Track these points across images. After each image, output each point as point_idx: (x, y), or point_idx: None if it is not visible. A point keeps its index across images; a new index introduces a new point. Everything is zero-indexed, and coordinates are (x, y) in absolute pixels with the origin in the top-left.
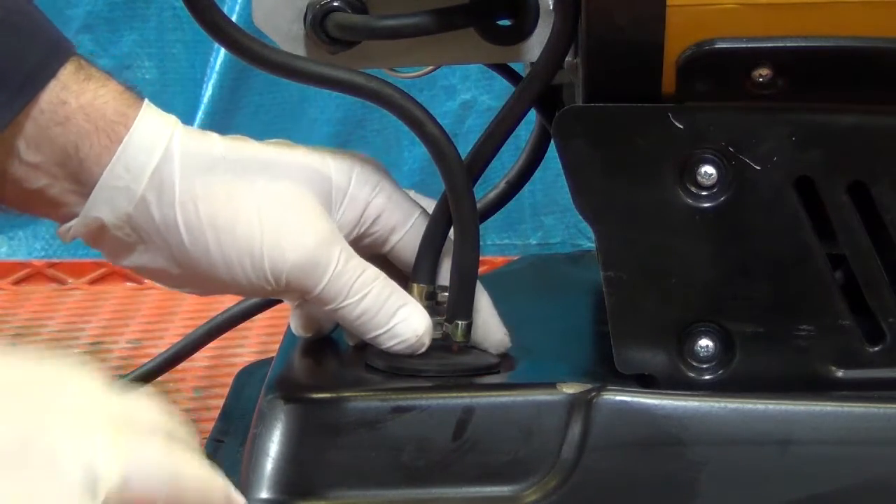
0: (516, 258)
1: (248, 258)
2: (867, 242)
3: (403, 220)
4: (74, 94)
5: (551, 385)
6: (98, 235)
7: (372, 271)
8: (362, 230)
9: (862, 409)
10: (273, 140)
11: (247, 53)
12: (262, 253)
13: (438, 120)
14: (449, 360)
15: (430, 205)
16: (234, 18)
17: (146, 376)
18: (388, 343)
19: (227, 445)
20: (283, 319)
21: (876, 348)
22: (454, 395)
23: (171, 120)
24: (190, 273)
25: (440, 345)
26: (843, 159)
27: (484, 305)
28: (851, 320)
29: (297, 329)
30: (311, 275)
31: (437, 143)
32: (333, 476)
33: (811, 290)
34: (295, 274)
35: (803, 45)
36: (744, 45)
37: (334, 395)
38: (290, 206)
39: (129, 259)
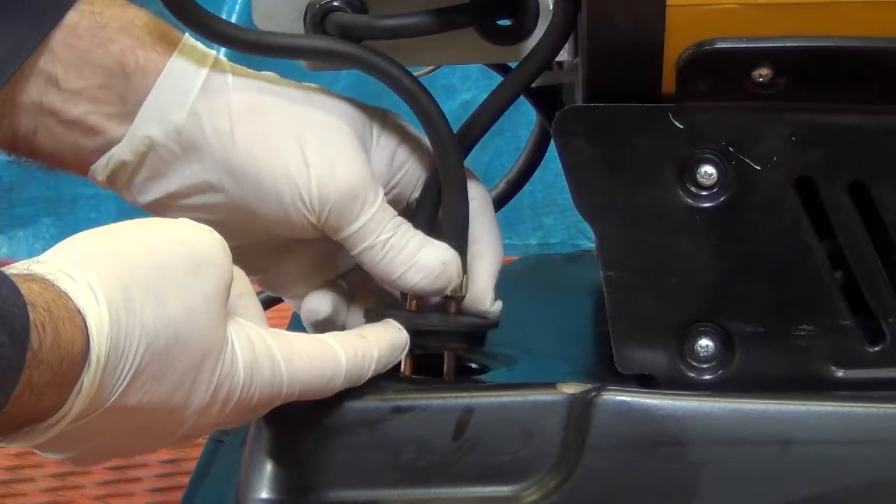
0: (516, 258)
1: (298, 181)
2: (867, 242)
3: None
4: (114, 18)
5: (551, 385)
6: (138, 163)
7: (396, 214)
8: (391, 179)
9: (862, 409)
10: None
11: (215, 34)
12: (310, 178)
13: None
14: (450, 319)
15: None
16: (234, 18)
17: None
18: (415, 279)
19: (227, 445)
20: (283, 319)
21: (876, 348)
22: (454, 395)
23: (211, 52)
24: (232, 192)
25: (440, 306)
26: (843, 159)
27: (483, 262)
28: (851, 320)
29: (314, 314)
30: (352, 208)
31: (414, 95)
32: (333, 476)
33: (811, 290)
34: (338, 206)
35: (803, 45)
36: (744, 45)
37: (334, 395)
38: (338, 136)
39: (168, 181)
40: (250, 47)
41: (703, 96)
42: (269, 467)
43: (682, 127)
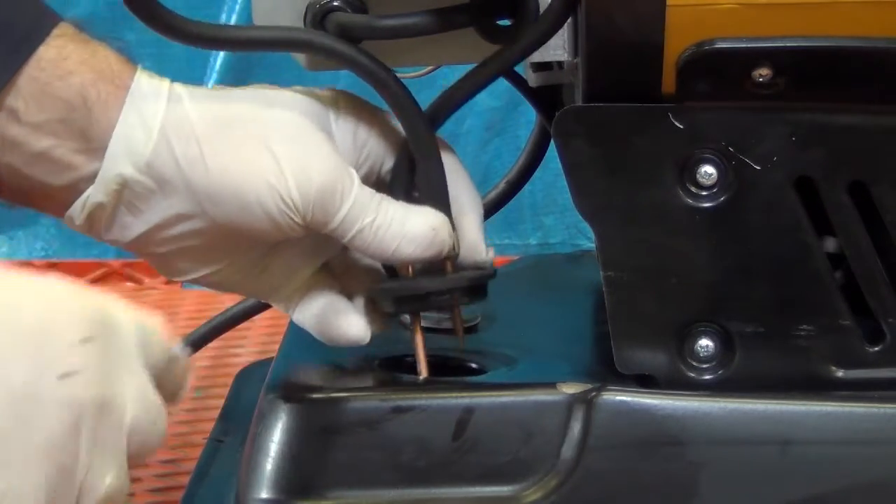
0: (516, 258)
1: (278, 188)
2: (867, 242)
3: (394, 144)
4: (75, 51)
5: (551, 385)
6: (114, 203)
7: (373, 191)
8: (359, 156)
9: (862, 409)
10: (254, 84)
11: (170, 29)
12: (287, 181)
13: None
14: (450, 277)
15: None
16: (234, 19)
17: None
18: (409, 250)
19: (227, 445)
20: (283, 319)
21: (876, 348)
22: (454, 395)
23: (160, 78)
24: (215, 214)
25: (434, 271)
26: (843, 159)
27: (468, 216)
28: (851, 320)
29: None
30: (333, 200)
31: (373, 72)
32: (333, 476)
33: (811, 290)
34: (320, 201)
35: (803, 45)
36: (744, 45)
37: (334, 395)
38: (302, 131)
39: (147, 216)
40: (209, 42)
41: (703, 96)
42: (269, 467)
43: (682, 127)
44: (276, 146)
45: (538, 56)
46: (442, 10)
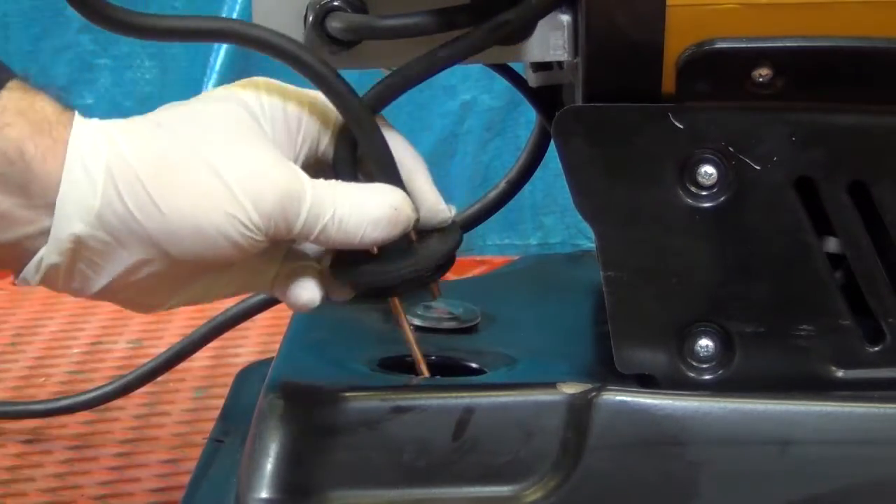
0: (516, 258)
1: (237, 214)
2: (867, 242)
3: (325, 122)
4: (11, 101)
5: (551, 385)
6: (70, 262)
7: (325, 182)
8: (295, 142)
9: (862, 409)
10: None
11: (110, 22)
12: (244, 205)
13: (438, 120)
14: (414, 258)
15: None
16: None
17: (146, 376)
18: (376, 233)
19: (227, 445)
20: (283, 319)
21: (876, 348)
22: (454, 395)
23: (96, 120)
24: (177, 254)
25: (401, 248)
26: (843, 159)
27: (418, 178)
28: (851, 320)
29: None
30: (292, 207)
31: (297, 56)
32: (333, 476)
33: (811, 290)
34: (280, 213)
35: (803, 45)
36: (744, 45)
37: (334, 395)
38: (244, 148)
39: (108, 269)
40: (143, 31)
41: (703, 96)
42: (269, 467)
43: (682, 127)
44: (223, 171)
45: (538, 56)
46: (442, 10)
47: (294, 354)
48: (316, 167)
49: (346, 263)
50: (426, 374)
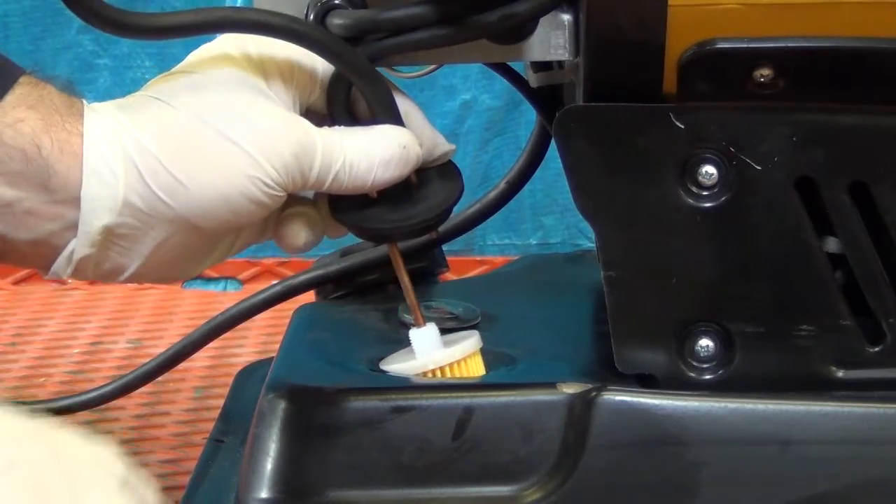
0: (516, 258)
1: (256, 175)
2: (867, 242)
3: (313, 71)
4: (22, 96)
5: (551, 385)
6: (102, 250)
7: (331, 129)
8: (291, 98)
9: (862, 409)
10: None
11: (107, 23)
12: (263, 165)
13: (438, 120)
14: (416, 207)
15: None
16: None
17: (146, 376)
18: (387, 174)
19: (227, 445)
20: (284, 319)
21: (876, 348)
22: (454, 395)
23: (104, 106)
24: (205, 225)
25: (401, 191)
26: (844, 159)
27: (415, 117)
28: (851, 320)
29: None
30: (306, 158)
31: (290, 30)
32: (333, 476)
33: (811, 290)
34: (296, 166)
35: (804, 45)
36: (745, 45)
37: (334, 395)
38: (250, 108)
39: (139, 249)
40: (138, 31)
41: (704, 96)
42: (269, 467)
43: (682, 127)
44: (235, 136)
45: (539, 56)
46: (445, 2)
47: (294, 354)
48: (308, 118)
49: (346, 207)
50: (422, 322)
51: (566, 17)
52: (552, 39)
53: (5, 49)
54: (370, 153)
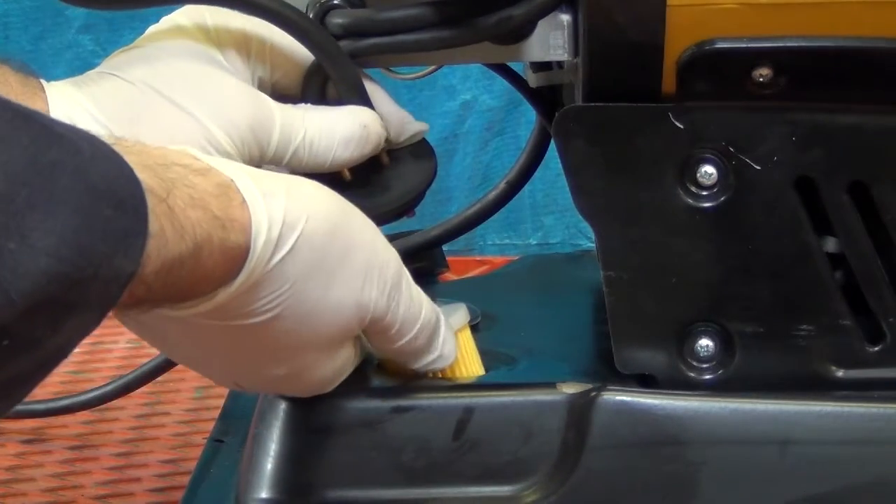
0: (516, 258)
1: (207, 142)
2: (867, 242)
3: (278, 47)
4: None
5: (551, 385)
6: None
7: (292, 106)
8: (252, 73)
9: (862, 409)
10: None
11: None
12: (215, 134)
13: (439, 120)
14: (389, 194)
15: None
16: None
17: (146, 376)
18: (347, 153)
19: (227, 445)
20: None
21: (876, 348)
22: (454, 395)
23: (62, 86)
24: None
25: (372, 173)
26: (844, 159)
27: (379, 97)
28: (851, 320)
29: None
30: (264, 129)
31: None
32: (333, 476)
33: (811, 290)
34: (250, 136)
35: (803, 45)
36: (744, 45)
37: (334, 395)
38: (205, 81)
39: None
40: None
41: (704, 96)
42: (269, 467)
43: (682, 127)
44: (186, 104)
45: (538, 56)
46: (444, 3)
47: None
48: (277, 97)
49: None
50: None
51: (565, 18)
52: (551, 40)
53: (5, 49)
54: (331, 131)
